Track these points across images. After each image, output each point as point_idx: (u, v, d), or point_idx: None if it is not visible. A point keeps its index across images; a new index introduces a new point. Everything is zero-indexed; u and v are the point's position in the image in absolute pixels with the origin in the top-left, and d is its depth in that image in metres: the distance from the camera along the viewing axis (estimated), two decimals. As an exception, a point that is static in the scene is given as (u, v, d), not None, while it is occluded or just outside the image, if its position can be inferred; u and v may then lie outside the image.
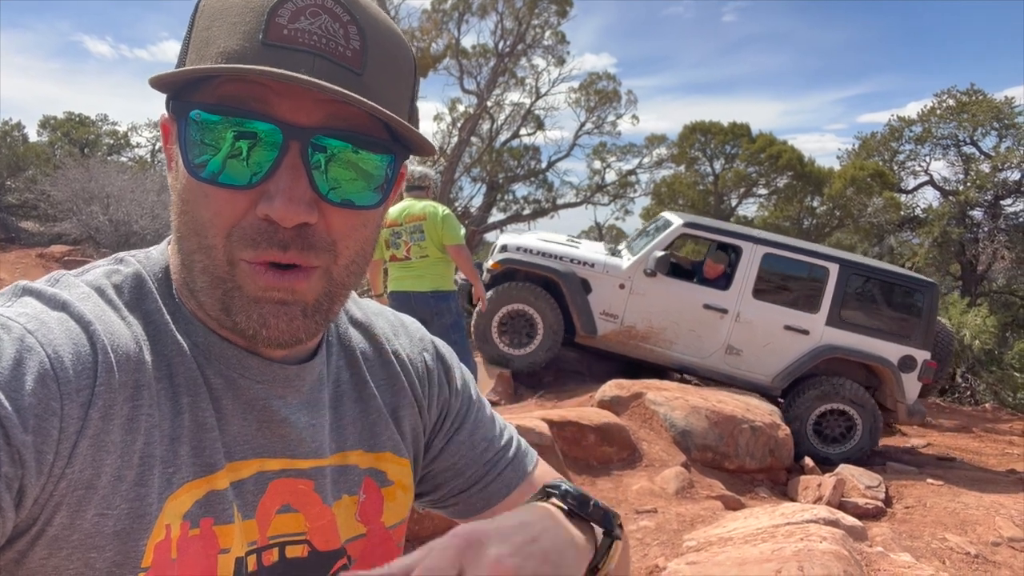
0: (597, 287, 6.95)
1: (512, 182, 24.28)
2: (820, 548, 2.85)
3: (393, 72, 0.63)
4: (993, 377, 12.86)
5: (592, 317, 6.94)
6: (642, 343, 7.02)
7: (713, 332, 6.91)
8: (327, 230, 0.61)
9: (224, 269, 0.61)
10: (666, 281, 6.95)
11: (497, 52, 21.18)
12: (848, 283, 6.77)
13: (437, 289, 4.88)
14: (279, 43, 0.57)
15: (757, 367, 6.89)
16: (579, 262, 7.03)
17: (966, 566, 3.87)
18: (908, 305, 6.83)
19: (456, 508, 0.88)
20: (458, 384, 0.88)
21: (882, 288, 6.94)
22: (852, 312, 6.80)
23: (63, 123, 25.14)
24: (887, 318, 6.83)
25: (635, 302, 6.94)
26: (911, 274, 7.35)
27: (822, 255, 7.03)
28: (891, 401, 6.69)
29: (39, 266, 11.91)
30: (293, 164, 0.58)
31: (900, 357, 6.66)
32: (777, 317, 6.80)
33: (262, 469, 0.67)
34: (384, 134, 0.62)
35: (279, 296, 0.61)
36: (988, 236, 17.87)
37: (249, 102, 0.58)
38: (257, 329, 0.61)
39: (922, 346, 6.70)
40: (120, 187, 14.20)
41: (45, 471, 0.52)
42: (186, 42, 0.62)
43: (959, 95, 19.25)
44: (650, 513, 4.08)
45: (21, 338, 0.54)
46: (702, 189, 22.44)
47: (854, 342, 6.71)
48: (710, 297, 6.91)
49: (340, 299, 0.66)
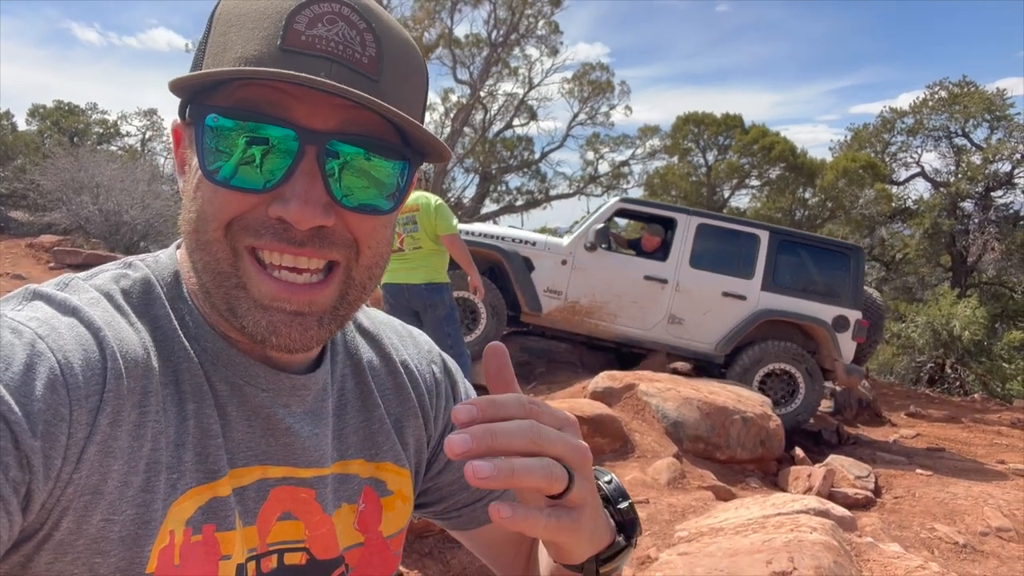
0: (540, 264, 7.07)
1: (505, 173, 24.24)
2: (810, 539, 2.88)
3: (408, 80, 0.64)
4: (982, 368, 12.97)
5: (536, 295, 7.05)
6: (587, 318, 7.14)
7: (655, 303, 7.09)
8: (347, 229, 0.62)
9: (228, 262, 0.61)
10: (606, 255, 7.15)
11: (490, 42, 21.12)
12: (779, 249, 7.07)
13: (431, 281, 4.86)
14: (297, 49, 0.57)
15: (699, 335, 7.08)
16: (521, 241, 7.19)
17: (954, 556, 3.91)
18: (837, 268, 7.11)
19: (458, 520, 0.88)
20: (463, 398, 0.88)
21: (811, 253, 7.22)
22: (785, 277, 7.08)
23: (52, 112, 24.94)
24: (818, 281, 7.10)
25: (577, 277, 7.07)
26: (837, 240, 7.82)
27: (752, 224, 7.56)
28: (829, 361, 6.93)
29: (29, 256, 11.83)
30: (309, 169, 0.59)
31: (833, 317, 6.93)
32: (715, 284, 7.04)
33: (264, 476, 0.67)
34: (398, 140, 0.63)
35: (292, 308, 0.61)
36: (979, 227, 17.99)
37: (265, 106, 0.58)
38: (266, 335, 0.61)
39: (853, 306, 7.00)
40: (110, 177, 14.09)
41: (53, 476, 0.53)
42: (202, 47, 0.62)
43: (951, 87, 19.32)
44: (642, 504, 4.11)
45: (32, 343, 0.54)
46: (695, 180, 22.48)
47: (789, 305, 6.98)
48: (650, 268, 7.11)
49: (356, 304, 0.66)
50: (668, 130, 23.12)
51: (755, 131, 21.51)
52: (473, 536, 0.89)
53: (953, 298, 13.62)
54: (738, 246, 7.12)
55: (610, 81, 23.12)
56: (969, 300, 13.45)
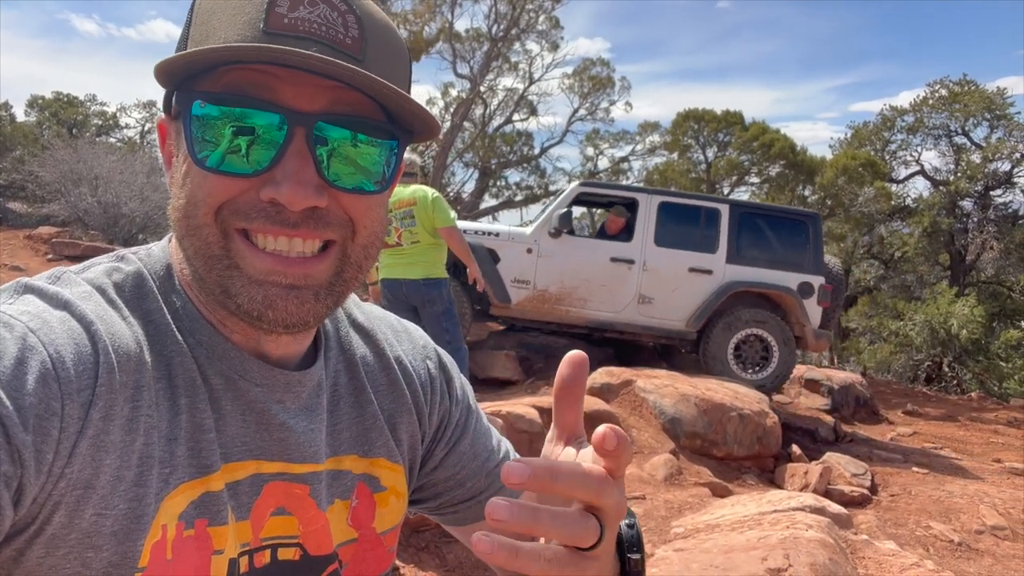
0: (505, 255, 7.07)
1: (505, 168, 24.21)
2: (806, 536, 2.89)
3: (391, 60, 0.64)
4: (980, 366, 12.99)
5: (504, 286, 7.05)
6: (557, 305, 7.16)
7: (623, 284, 7.13)
8: (342, 209, 0.62)
9: (219, 245, 0.60)
10: (571, 240, 7.20)
11: (491, 36, 21.06)
12: (740, 222, 7.17)
13: (428, 276, 4.85)
14: (280, 31, 0.57)
15: (670, 313, 7.13)
16: (484, 233, 7.23)
17: (949, 554, 3.92)
18: (797, 236, 7.23)
19: (454, 516, 0.88)
20: (458, 393, 0.88)
21: (771, 223, 7.33)
22: (748, 248, 7.17)
23: (51, 103, 24.89)
24: (780, 250, 7.20)
25: (544, 265, 7.08)
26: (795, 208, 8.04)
27: (712, 198, 7.84)
28: (798, 327, 7.04)
29: (27, 247, 11.80)
30: (299, 150, 0.59)
31: (798, 284, 7.04)
32: (681, 261, 7.11)
33: (258, 471, 0.67)
34: (385, 119, 0.63)
35: (288, 281, 0.61)
36: (977, 226, 17.99)
37: (251, 89, 0.58)
38: (262, 311, 0.61)
39: (815, 272, 7.11)
40: (109, 168, 14.06)
41: (44, 470, 0.52)
42: (184, 36, 0.62)
43: (951, 85, 19.30)
44: (638, 500, 4.12)
45: (23, 337, 0.54)
46: (694, 177, 22.45)
47: (755, 275, 7.08)
48: (616, 250, 7.15)
49: (352, 282, 0.66)
50: (668, 126, 23.09)
51: (755, 128, 21.48)
52: (469, 531, 0.89)
53: (951, 297, 13.64)
54: (700, 222, 7.21)
55: (610, 77, 23.09)
56: (967, 299, 13.48)
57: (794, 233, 7.23)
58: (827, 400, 8.64)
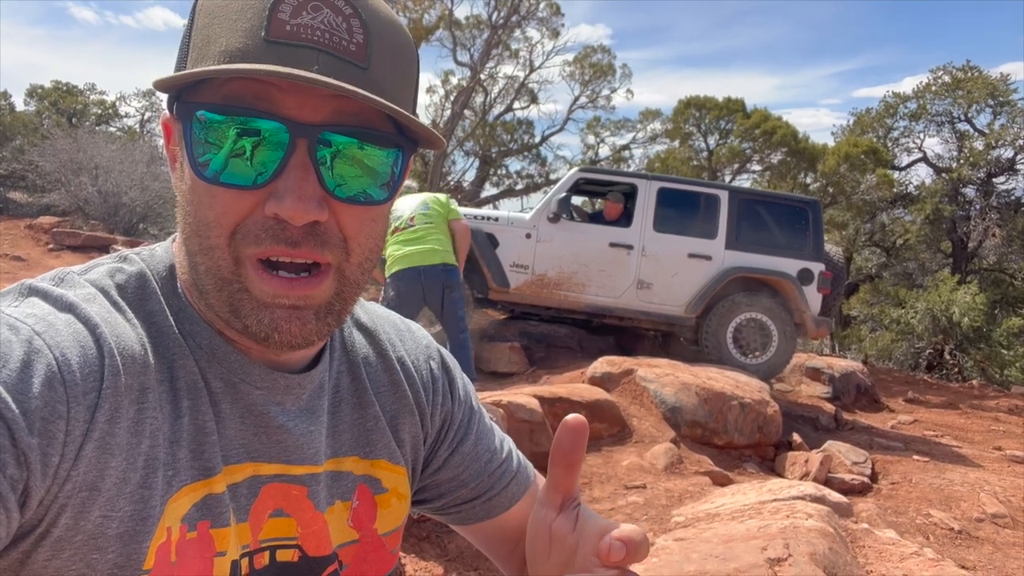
0: (504, 240, 7.09)
1: (505, 156, 24.13)
2: (806, 525, 2.90)
3: (398, 65, 0.63)
4: (981, 354, 12.99)
5: (503, 270, 7.08)
6: (556, 290, 7.17)
7: (622, 269, 7.13)
8: (338, 227, 0.61)
9: (230, 269, 0.60)
10: (570, 225, 7.23)
11: (491, 23, 20.95)
12: (739, 208, 7.16)
13: (447, 262, 4.86)
14: (282, 40, 0.56)
15: (669, 298, 7.14)
16: (483, 218, 7.24)
17: (950, 542, 3.94)
18: (797, 223, 7.22)
19: (457, 516, 0.88)
20: (460, 394, 0.88)
21: (771, 210, 7.32)
22: (748, 234, 7.16)
23: (50, 92, 24.80)
24: (780, 236, 7.20)
25: (543, 250, 7.10)
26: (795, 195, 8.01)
27: (712, 184, 7.84)
28: (798, 314, 7.03)
29: (28, 237, 11.80)
30: (301, 163, 0.58)
31: (798, 270, 7.04)
32: (680, 246, 7.11)
33: (256, 473, 0.67)
34: (391, 128, 0.62)
35: (290, 302, 0.61)
36: (980, 214, 17.93)
37: (253, 100, 0.57)
38: (269, 333, 0.61)
39: (815, 258, 7.10)
40: (109, 158, 14.05)
41: (50, 473, 0.53)
42: (185, 42, 0.62)
43: (955, 71, 19.18)
44: (639, 489, 4.13)
45: (29, 340, 0.54)
46: (696, 164, 22.37)
47: (754, 261, 7.08)
48: (614, 235, 7.15)
49: (352, 299, 0.66)
50: (669, 114, 22.99)
51: (757, 115, 21.38)
52: (472, 530, 0.89)
53: (953, 284, 13.61)
54: (700, 207, 7.22)
55: (611, 64, 22.98)
56: (969, 286, 13.45)
57: (794, 220, 7.23)
58: (828, 388, 8.66)
